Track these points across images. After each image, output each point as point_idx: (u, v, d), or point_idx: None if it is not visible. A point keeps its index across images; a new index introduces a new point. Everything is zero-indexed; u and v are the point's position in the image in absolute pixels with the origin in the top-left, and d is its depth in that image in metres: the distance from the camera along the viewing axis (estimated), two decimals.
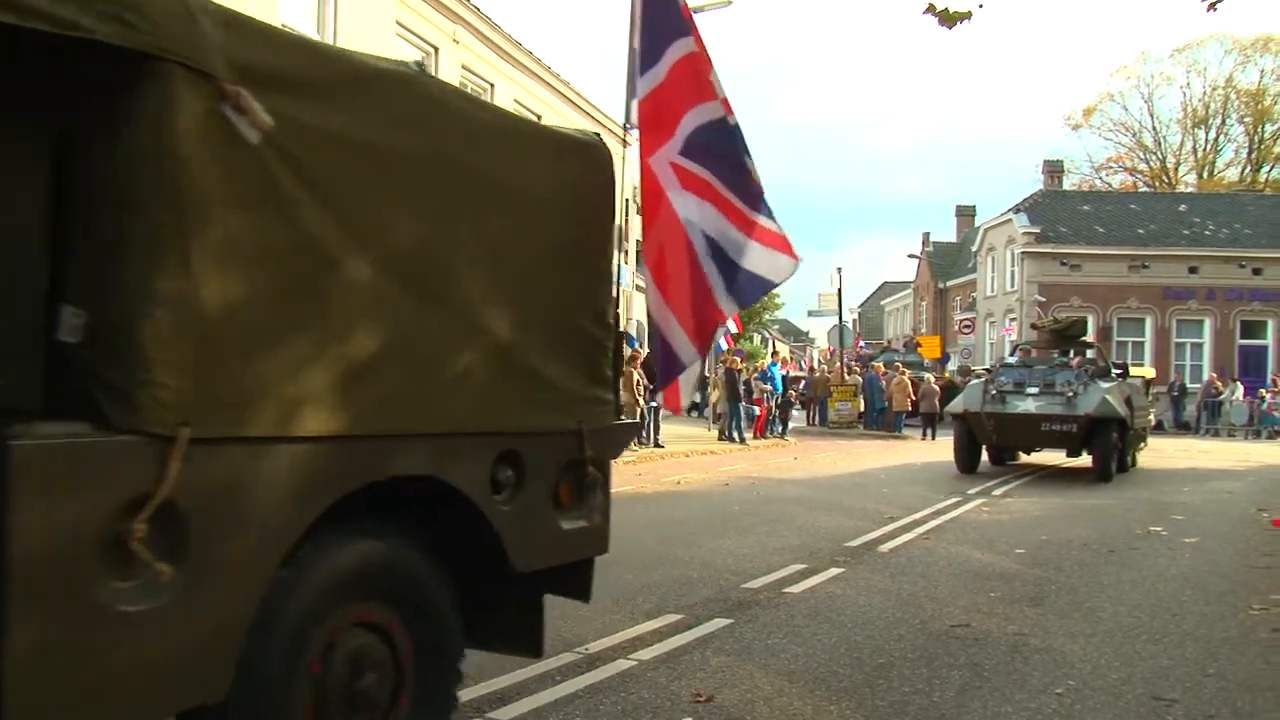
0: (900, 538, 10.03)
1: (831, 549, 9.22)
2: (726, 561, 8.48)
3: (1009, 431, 16.27)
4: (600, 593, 7.17)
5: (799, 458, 20.97)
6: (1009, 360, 18.08)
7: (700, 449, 22.00)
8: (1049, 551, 9.34)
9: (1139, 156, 60.48)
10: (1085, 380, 15.97)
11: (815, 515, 11.67)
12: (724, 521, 11.10)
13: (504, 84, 21.18)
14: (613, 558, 8.52)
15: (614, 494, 10.59)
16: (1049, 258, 38.55)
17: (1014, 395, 16.03)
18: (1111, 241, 38.90)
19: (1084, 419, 15.41)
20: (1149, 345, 38.17)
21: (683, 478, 15.99)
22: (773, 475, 16.97)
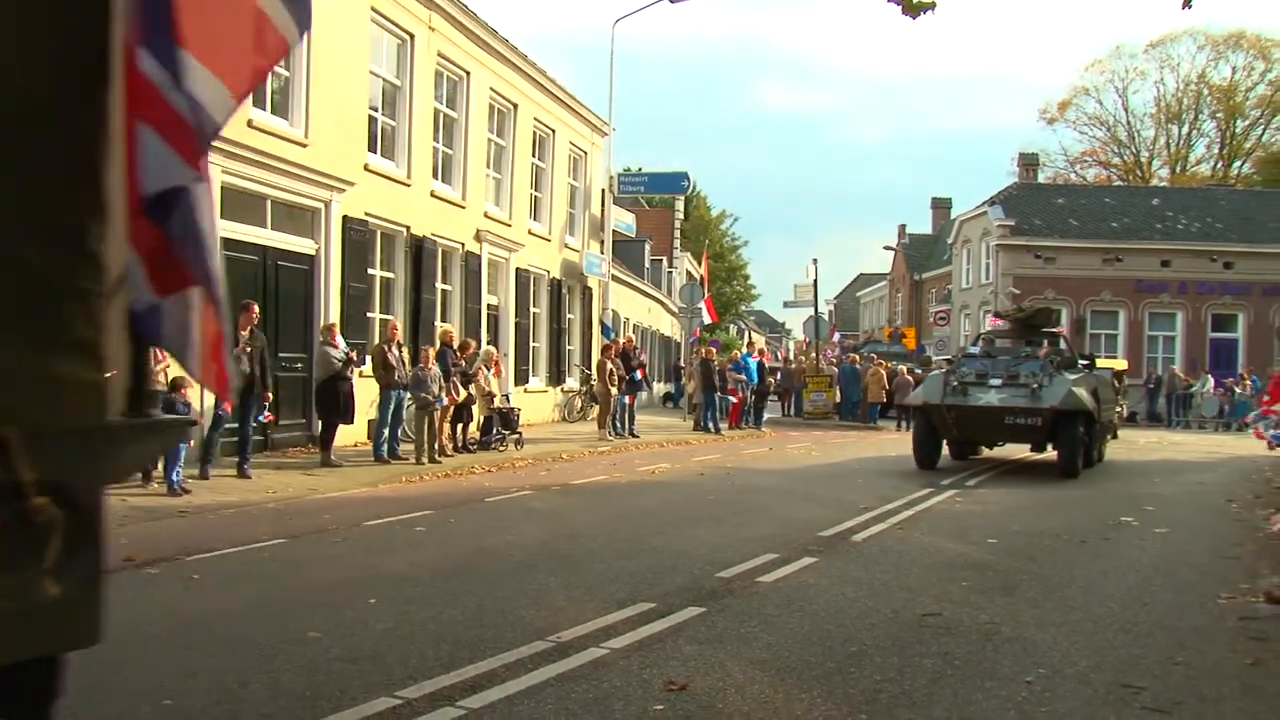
0: (873, 528, 10.07)
1: (805, 539, 9.25)
2: (700, 551, 8.50)
3: (970, 425, 15.68)
4: (573, 581, 7.24)
5: (774, 448, 21.03)
6: (971, 350, 17.52)
7: (675, 439, 22.04)
8: (1021, 541, 9.42)
9: (1113, 151, 61.00)
10: (1051, 372, 15.49)
11: (789, 505, 11.71)
12: (698, 511, 11.13)
13: (480, 72, 21.08)
14: (586, 547, 8.64)
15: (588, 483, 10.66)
16: (1023, 250, 38.80)
17: (976, 387, 15.48)
18: (1085, 235, 39.19)
19: (1049, 412, 14.91)
20: (1122, 338, 38.54)
21: (657, 468, 16.01)
22: (747, 465, 17.01)
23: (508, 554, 8.27)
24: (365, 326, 17.39)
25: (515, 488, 12.80)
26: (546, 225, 25.21)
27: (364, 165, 17.24)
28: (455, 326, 19.46)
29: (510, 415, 17.82)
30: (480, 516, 10.51)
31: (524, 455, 16.70)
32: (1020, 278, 38.39)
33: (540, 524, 10.01)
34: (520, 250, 23.23)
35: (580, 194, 27.47)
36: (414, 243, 18.84)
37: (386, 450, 14.79)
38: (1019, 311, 19.00)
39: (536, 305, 25.00)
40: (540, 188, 25.09)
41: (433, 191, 19.56)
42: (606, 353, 21.10)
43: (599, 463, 16.74)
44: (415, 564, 7.76)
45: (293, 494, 11.53)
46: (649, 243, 41.90)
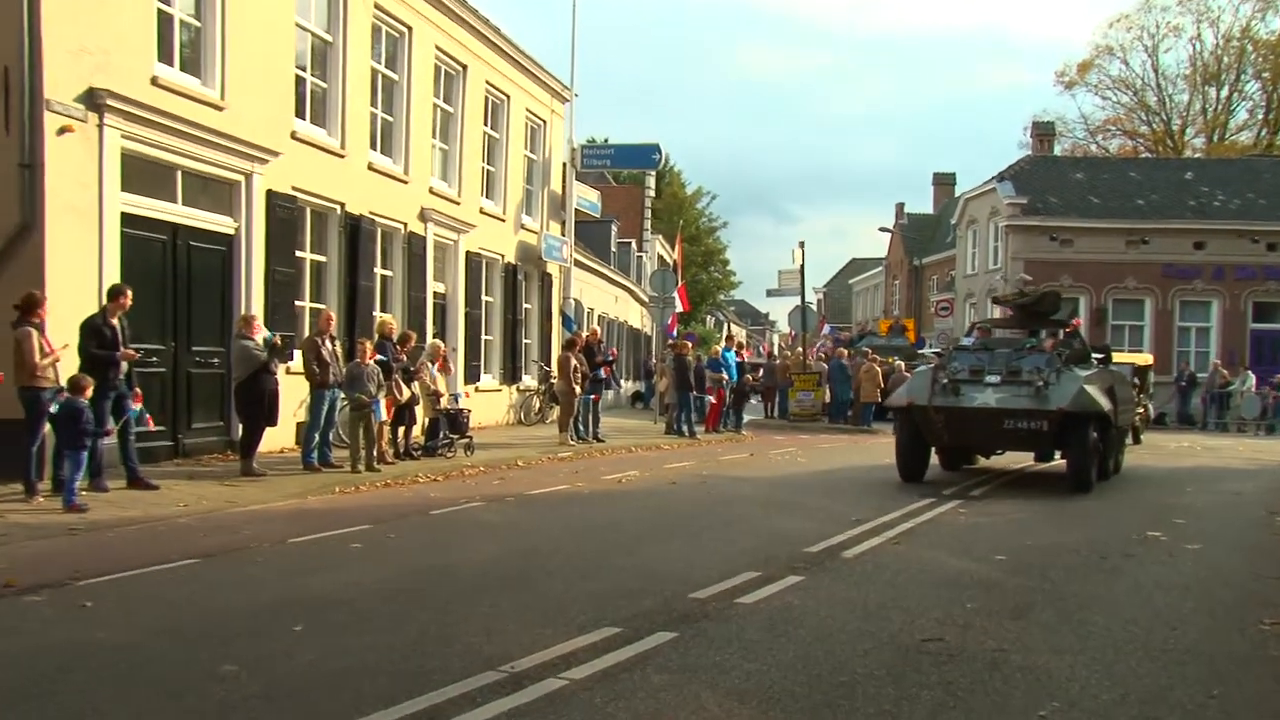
0: (867, 542, 10.09)
1: (790, 554, 9.25)
2: (672, 569, 8.48)
3: (963, 430, 15.10)
4: (528, 603, 7.20)
5: (755, 454, 21.07)
6: (964, 342, 16.92)
7: (645, 444, 22.05)
8: (1033, 558, 9.46)
9: (1140, 118, 60.29)
10: (1058, 367, 14.77)
11: (772, 517, 11.72)
12: (670, 524, 11.13)
13: (424, 28, 20.99)
14: (544, 565, 8.60)
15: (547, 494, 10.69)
16: (1037, 231, 39.00)
17: (970, 385, 14.84)
18: (1107, 213, 39.33)
19: (1056, 414, 14.28)
20: (1148, 330, 38.54)
21: (625, 476, 16.00)
22: (726, 473, 17.02)
23: (455, 573, 8.21)
24: (294, 317, 17.26)
25: (464, 499, 12.74)
26: (500, 203, 25.12)
27: (291, 133, 17.10)
28: (396, 317, 19.35)
29: (459, 417, 17.75)
30: (424, 531, 10.45)
31: (475, 462, 16.63)
32: (1033, 262, 38.59)
33: (492, 539, 9.95)
34: (471, 231, 23.13)
35: (539, 168, 27.40)
36: (349, 222, 18.71)
37: (317, 457, 14.68)
38: (1021, 296, 18.41)
39: (489, 293, 24.92)
40: (493, 161, 25.00)
41: (370, 164, 19.44)
42: (568, 347, 21.08)
43: (559, 470, 16.69)
44: (349, 586, 7.69)
45: (208, 507, 11.41)
46: (616, 224, 41.91)
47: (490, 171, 24.90)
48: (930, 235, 56.65)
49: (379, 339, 16.24)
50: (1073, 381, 14.61)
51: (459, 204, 22.73)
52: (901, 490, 14.66)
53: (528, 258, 26.58)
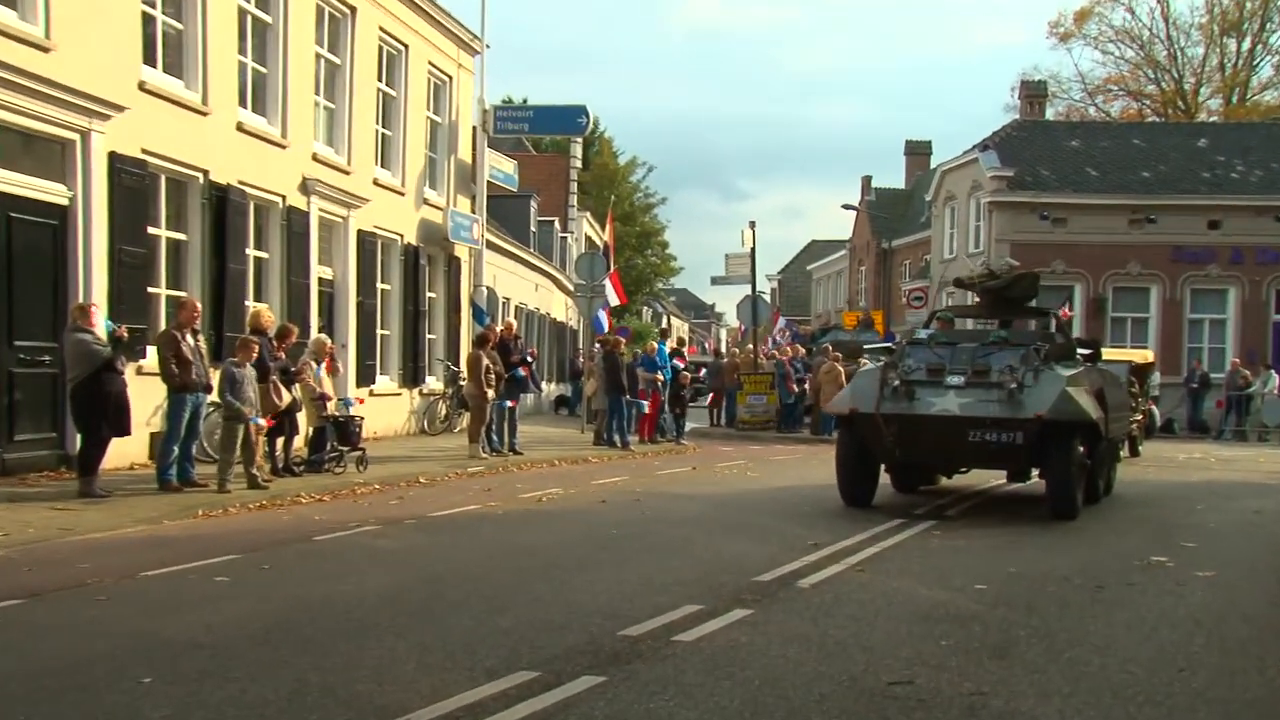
0: (826, 570, 10.13)
1: (737, 584, 9.28)
2: (599, 601, 8.48)
3: (919, 443, 14.48)
4: (429, 644, 7.15)
5: (698, 468, 21.15)
6: (920, 335, 15.98)
7: (570, 456, 22.08)
8: (1019, 588, 9.57)
9: (1147, 76, 60.45)
10: (1036, 365, 14.21)
11: (717, 541, 11.75)
12: (598, 549, 11.13)
13: (368, 8, 21.52)
14: (449, 598, 8.54)
15: (454, 514, 10.66)
16: (1025, 209, 39.47)
17: (927, 388, 14.30)
18: (1107, 187, 39.85)
19: (1033, 424, 13.72)
20: (1154, 323, 39.12)
21: (546, 493, 16.00)
22: (663, 490, 17.06)
23: (343, 610, 8.14)
24: (146, 306, 17.01)
25: (355, 522, 12.64)
26: (399, 174, 24.98)
27: (139, 84, 16.82)
28: (274, 308, 19.16)
29: (349, 426, 17.61)
30: (306, 561, 10.36)
31: (368, 479, 16.53)
32: (1021, 245, 38.87)
33: (388, 569, 9.90)
34: (363, 207, 22.97)
35: (444, 133, 27.29)
36: (215, 193, 18.50)
37: (177, 474, 14.50)
38: (990, 278, 17.19)
39: (386, 280, 24.78)
40: (390, 123, 24.85)
41: (240, 124, 19.23)
42: (480, 343, 21.00)
43: (469, 488, 16.64)
44: (212, 627, 7.59)
45: (35, 536, 11.16)
46: (536, 199, 41.85)
47: (386, 136, 24.74)
48: (901, 214, 57.18)
49: (251, 332, 16.05)
50: (1053, 383, 13.99)
51: (349, 174, 22.55)
52: (866, 510, 14.76)
53: (432, 238, 26.44)
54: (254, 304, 18.87)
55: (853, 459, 15.11)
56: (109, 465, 14.23)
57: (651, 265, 79.24)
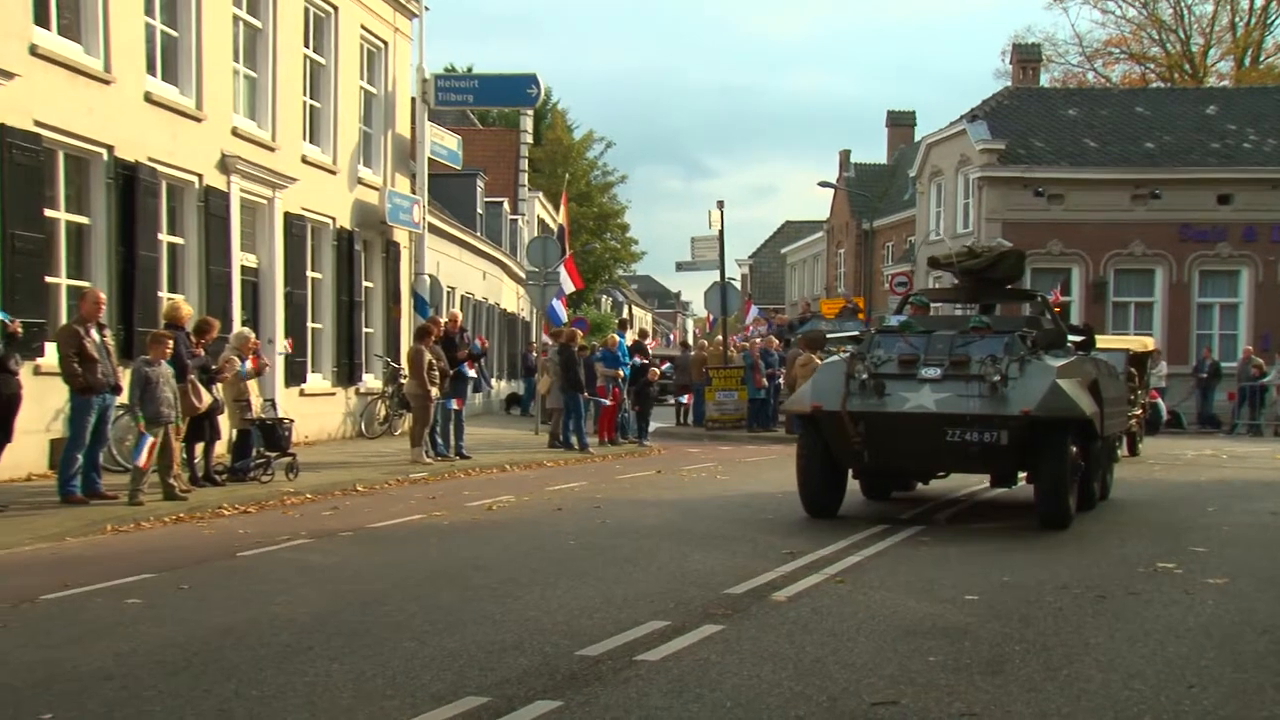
0: (803, 581, 10.17)
1: (705, 598, 9.31)
2: (556, 619, 8.49)
3: (890, 445, 14.18)
4: (367, 670, 7.12)
5: (663, 471, 21.18)
6: (891, 322, 15.86)
7: (523, 460, 22.10)
8: (1012, 598, 9.62)
9: (1151, 37, 60.66)
10: (1022, 355, 13.96)
11: (684, 552, 11.76)
12: (554, 562, 11.15)
13: None
14: (390, 618, 8.50)
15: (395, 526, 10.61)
16: (1018, 184, 39.67)
17: (899, 382, 14.03)
18: (1108, 160, 40.08)
19: (1019, 421, 13.46)
20: (1160, 307, 39.44)
21: (496, 501, 15.99)
22: (625, 496, 17.10)
23: (271, 633, 8.10)
24: (44, 297, 16.90)
25: (284, 536, 12.62)
26: (330, 151, 24.88)
27: (29, 47, 16.66)
28: (191, 299, 19.04)
29: (277, 430, 17.52)
30: (230, 580, 10.31)
31: (299, 488, 16.49)
32: (1014, 224, 39.08)
33: (322, 587, 9.87)
34: (290, 187, 22.85)
35: (380, 105, 27.20)
36: (121, 172, 18.39)
37: (82, 485, 14.39)
38: (970, 256, 16.92)
39: (317, 268, 24.69)
40: (319, 94, 24.74)
41: (149, 94, 19.12)
42: (422, 337, 20.90)
43: (411, 496, 16.64)
44: (122, 655, 7.53)
45: None
46: (483, 178, 41.77)
47: (315, 108, 24.63)
48: (884, 191, 57.39)
49: (166, 327, 15.92)
50: (1042, 375, 13.75)
51: (274, 150, 22.43)
52: (848, 514, 14.79)
53: (367, 222, 26.35)
54: (169, 296, 18.74)
55: (816, 464, 14.65)
56: (1, 476, 14.10)
57: (611, 250, 79.20)
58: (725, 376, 32.29)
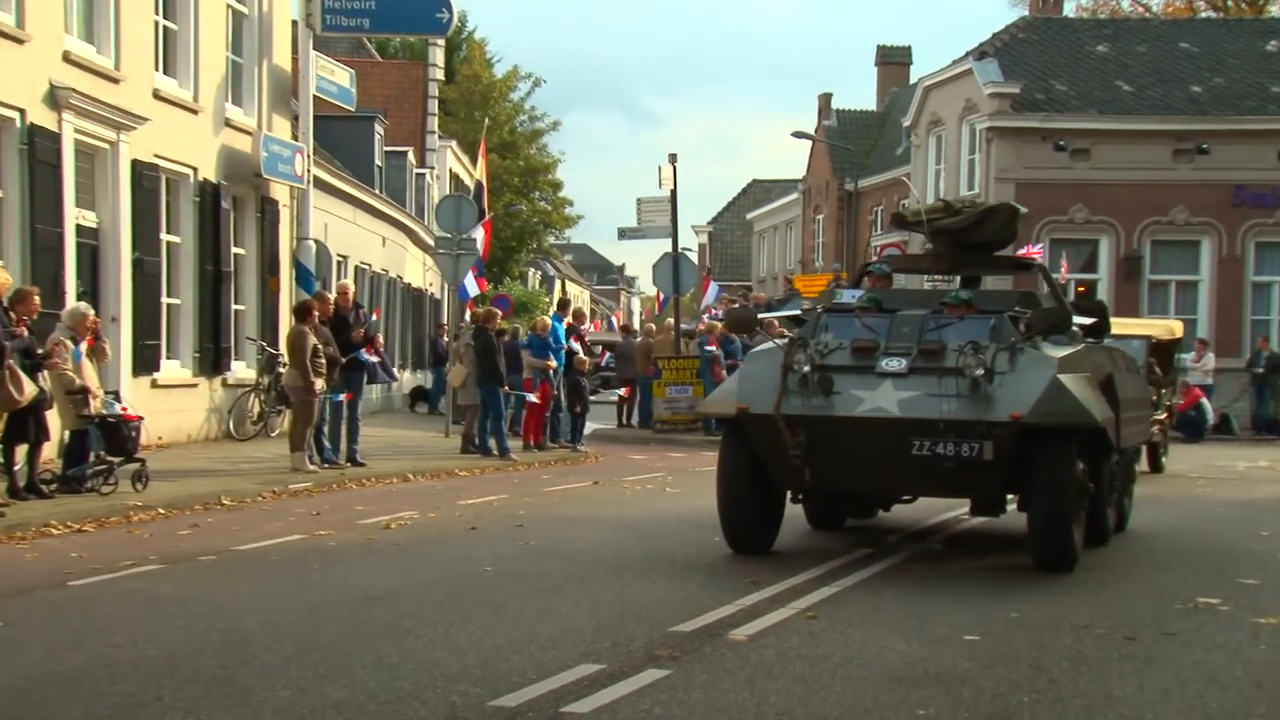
0: (767, 616, 10.20)
1: (649, 637, 9.33)
2: (466, 661, 8.51)
3: (839, 459, 13.32)
4: None
5: (601, 481, 21.27)
6: (843, 298, 15.14)
7: (430, 468, 22.16)
8: (1022, 639, 9.68)
9: None
10: (1014, 342, 13.10)
11: (624, 580, 11.82)
12: (465, 592, 11.17)
13: None
14: (260, 661, 8.46)
15: (269, 548, 10.56)
16: (1034, 136, 39.77)
17: (852, 376, 13.18)
18: (1145, 107, 40.17)
19: (1008, 429, 12.65)
20: (1206, 287, 39.69)
21: (396, 518, 15.99)
22: (555, 511, 17.16)
23: (109, 681, 8.06)
24: None
25: (129, 560, 12.53)
26: (189, 84, 24.69)
27: None
28: (10, 265, 18.85)
29: (121, 429, 17.38)
30: (59, 615, 10.24)
31: (149, 500, 16.40)
32: (1029, 184, 39.13)
33: (176, 624, 9.82)
34: (140, 129, 22.66)
35: (253, 29, 27.05)
36: None
37: None
38: (946, 213, 15.99)
39: (174, 230, 24.56)
40: (175, 13, 24.54)
41: None
42: (304, 315, 20.76)
43: (291, 512, 16.61)
44: None
45: None
46: (382, 122, 41.56)
47: (170, 30, 24.43)
48: (872, 144, 57.51)
49: None
50: (1039, 368, 12.97)
51: (118, 82, 22.22)
52: (824, 534, 14.87)
53: (238, 174, 26.19)
54: None
55: (742, 484, 13.75)
56: None
57: (540, 213, 78.89)
58: (677, 368, 32.27)
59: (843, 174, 56.54)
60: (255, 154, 26.47)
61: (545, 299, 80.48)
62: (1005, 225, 15.84)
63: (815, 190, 62.05)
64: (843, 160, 56.76)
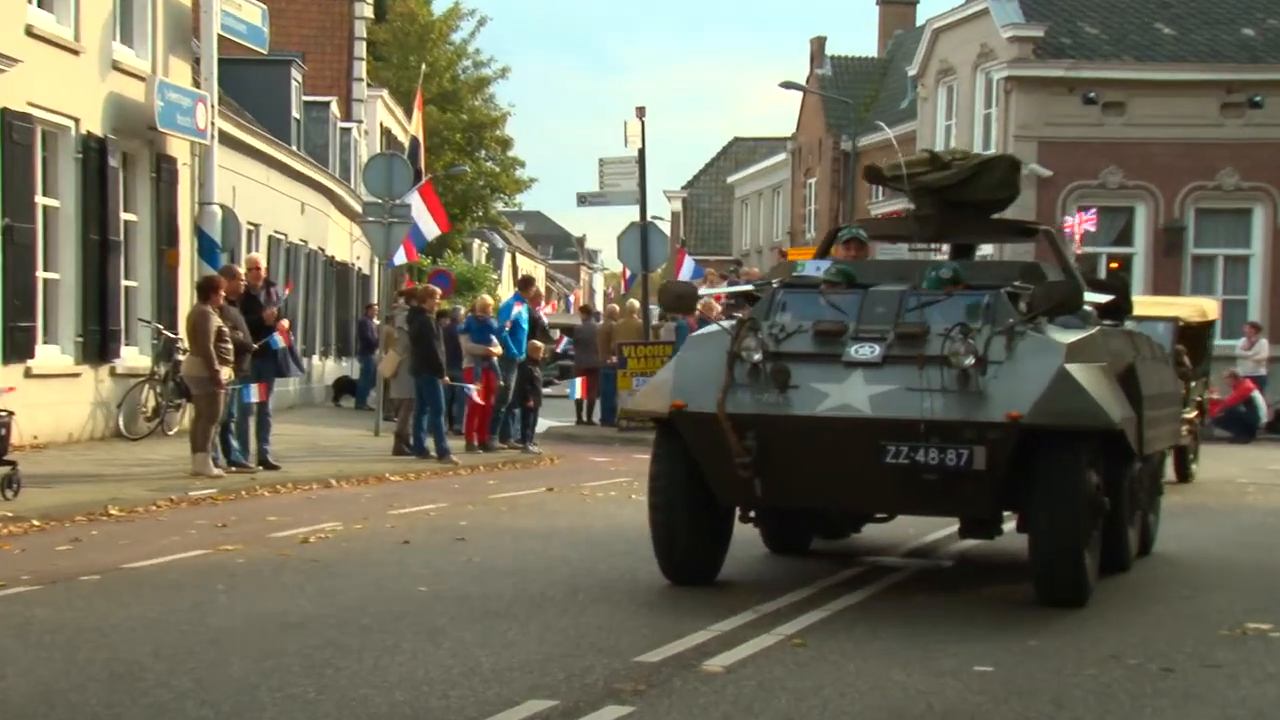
0: (747, 644, 10.21)
1: (609, 669, 9.33)
2: (395, 699, 8.52)
3: (797, 469, 12.70)
4: None
5: (557, 488, 21.30)
6: (806, 270, 14.42)
7: (356, 472, 22.19)
8: (1041, 670, 9.71)
9: None
10: (1012, 325, 12.47)
11: (581, 602, 11.86)
12: (396, 617, 11.16)
13: None
14: (150, 698, 8.48)
15: (164, 566, 10.54)
16: (1060, 88, 39.88)
17: (814, 366, 12.57)
18: (1189, 53, 40.29)
19: (1004, 432, 12.03)
20: (1260, 262, 40.00)
21: (316, 531, 16.03)
22: (502, 523, 17.22)
23: None
24: None
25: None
26: (68, 20, 24.64)
27: None
28: None
29: None
30: None
31: (21, 510, 16.35)
32: (1055, 144, 39.32)
33: (52, 654, 9.77)
34: (9, 71, 22.59)
35: None
36: None
37: None
38: (931, 167, 15.46)
39: (51, 193, 24.56)
40: None
41: None
42: (211, 295, 20.69)
43: (192, 523, 16.53)
44: None
45: None
46: (300, 68, 41.46)
47: None
48: (872, 97, 57.62)
49: None
50: (1043, 357, 12.36)
51: None
52: (815, 545, 14.84)
53: (129, 126, 26.14)
54: None
55: (680, 498, 12.99)
56: None
57: (487, 175, 78.80)
58: (645, 356, 32.23)
59: (838, 131, 56.65)
60: (149, 103, 26.39)
61: (493, 275, 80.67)
62: (1004, 181, 15.22)
63: (807, 150, 62.15)
64: (839, 115, 56.81)
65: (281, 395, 25.05)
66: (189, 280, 26.84)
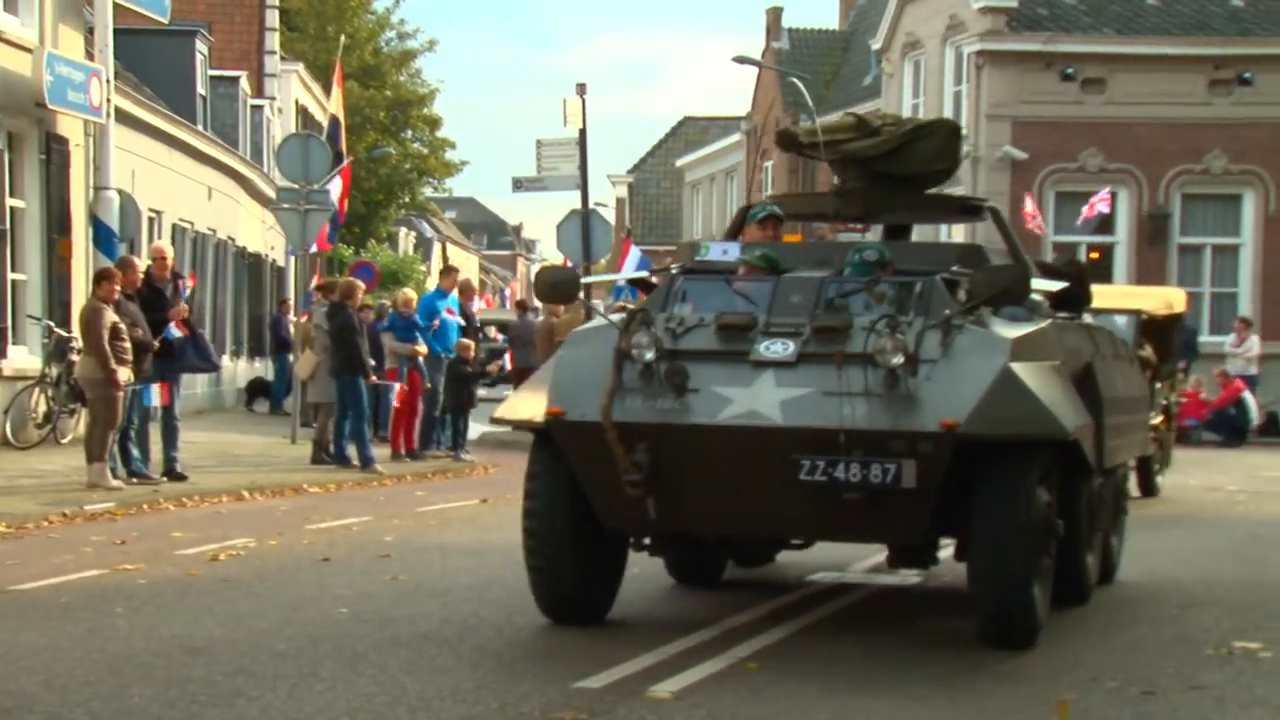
0: (697, 667, 10.22)
1: (547, 695, 9.33)
2: None
3: (697, 488, 11.86)
4: None
5: (492, 499, 21.28)
6: (711, 252, 13.56)
7: (271, 483, 22.18)
8: (1014, 695, 9.78)
9: None
10: (948, 318, 11.65)
11: (517, 624, 11.93)
12: (314, 642, 11.14)
13: None
14: None
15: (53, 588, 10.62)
16: (1035, 62, 40.00)
17: (717, 367, 11.77)
18: (1171, 26, 40.47)
19: (937, 443, 11.21)
20: (1250, 252, 40.20)
21: (226, 548, 16.00)
22: (430, 539, 17.25)
23: None
24: None
25: None
26: None
27: None
28: None
29: None
30: None
31: None
32: (1030, 123, 39.43)
33: None
34: None
35: None
36: None
37: None
38: (858, 133, 14.50)
39: None
40: None
41: None
42: (105, 288, 20.63)
43: (88, 539, 16.47)
44: None
45: None
46: (206, 39, 41.37)
47: None
48: (833, 72, 57.72)
49: None
50: (983, 355, 11.62)
51: None
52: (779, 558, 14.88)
53: (14, 103, 26.11)
54: None
55: (558, 522, 12.20)
56: None
57: (414, 157, 78.73)
58: None
59: (797, 109, 56.58)
60: (36, 77, 26.24)
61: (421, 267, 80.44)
62: (942, 151, 14.39)
63: (762, 130, 62.09)
64: (797, 93, 56.74)
65: (189, 398, 24.97)
66: (83, 273, 26.74)
